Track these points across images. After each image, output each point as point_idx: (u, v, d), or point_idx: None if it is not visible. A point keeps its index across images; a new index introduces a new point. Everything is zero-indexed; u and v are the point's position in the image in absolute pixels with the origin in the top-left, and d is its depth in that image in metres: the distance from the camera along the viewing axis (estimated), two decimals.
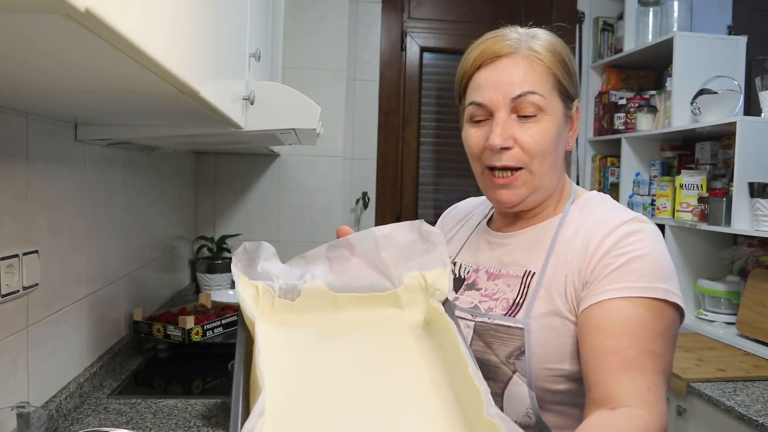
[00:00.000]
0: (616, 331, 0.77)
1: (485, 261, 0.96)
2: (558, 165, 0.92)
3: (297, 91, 1.29)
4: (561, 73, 0.89)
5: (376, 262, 0.83)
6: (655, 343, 0.77)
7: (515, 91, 0.87)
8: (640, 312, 0.78)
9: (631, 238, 0.83)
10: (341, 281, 0.81)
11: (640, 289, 0.79)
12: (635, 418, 0.72)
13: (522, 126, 0.87)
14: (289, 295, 0.77)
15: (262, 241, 0.85)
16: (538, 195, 0.91)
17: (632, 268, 0.80)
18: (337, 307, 0.78)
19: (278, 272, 0.81)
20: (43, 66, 0.67)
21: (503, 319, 0.86)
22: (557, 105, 0.89)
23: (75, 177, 1.35)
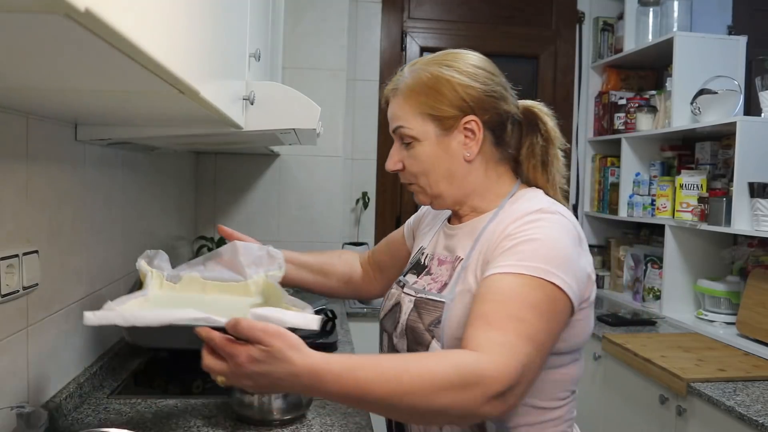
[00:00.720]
0: (488, 299, 0.88)
1: (439, 250, 1.12)
2: (455, 176, 1.05)
3: (297, 91, 1.29)
4: (430, 103, 1.02)
5: (236, 265, 1.16)
6: (523, 311, 0.86)
7: (392, 126, 1.07)
8: (515, 285, 0.88)
9: (529, 225, 0.94)
10: (210, 275, 1.15)
11: (521, 267, 0.89)
12: (463, 354, 0.82)
13: (407, 152, 1.06)
14: (174, 280, 1.11)
15: (160, 250, 1.20)
16: (442, 201, 1.08)
17: (519, 249, 0.91)
18: (205, 290, 1.11)
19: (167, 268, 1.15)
20: (43, 66, 0.67)
21: (433, 295, 1.03)
22: (429, 129, 1.03)
23: (75, 177, 1.35)
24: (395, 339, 1.07)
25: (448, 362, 0.81)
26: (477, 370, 0.79)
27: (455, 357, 0.82)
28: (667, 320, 2.40)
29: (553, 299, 0.88)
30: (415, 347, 1.01)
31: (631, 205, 2.74)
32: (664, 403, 1.83)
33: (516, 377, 0.80)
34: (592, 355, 2.28)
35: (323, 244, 2.79)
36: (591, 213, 3.14)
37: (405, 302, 1.08)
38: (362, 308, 2.53)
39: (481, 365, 0.80)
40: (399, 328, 1.06)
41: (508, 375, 0.80)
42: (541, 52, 3.16)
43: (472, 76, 1.03)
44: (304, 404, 1.30)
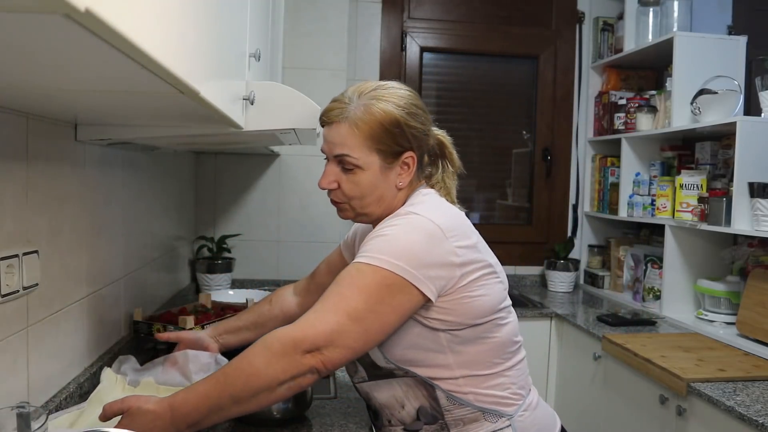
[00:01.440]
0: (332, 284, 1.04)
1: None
2: (384, 199, 1.17)
3: (297, 91, 1.29)
4: (380, 139, 1.11)
5: (186, 371, 1.37)
6: (348, 290, 1.01)
7: (335, 151, 1.13)
8: (351, 271, 1.03)
9: (385, 224, 1.09)
10: (163, 379, 1.37)
11: (362, 257, 1.04)
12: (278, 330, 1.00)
13: (345, 175, 1.14)
14: (134, 384, 1.34)
15: (130, 355, 1.46)
16: (365, 218, 1.19)
17: (370, 244, 1.05)
18: (158, 392, 1.31)
19: (131, 373, 1.38)
20: (43, 66, 0.67)
21: None
22: (373, 161, 1.13)
23: (75, 177, 1.35)
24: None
25: (259, 344, 0.99)
26: (285, 337, 0.98)
27: (267, 337, 1.00)
28: (667, 320, 2.40)
29: (384, 284, 1.01)
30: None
31: (631, 205, 2.74)
32: (664, 403, 1.83)
33: (323, 336, 0.97)
34: (592, 355, 2.28)
35: (323, 244, 2.79)
36: (591, 213, 3.14)
37: None
38: None
39: (290, 331, 0.98)
40: None
41: (313, 336, 0.97)
42: (541, 52, 3.16)
43: (415, 116, 1.14)
44: (304, 404, 1.30)
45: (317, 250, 2.79)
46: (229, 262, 2.60)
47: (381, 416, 1.20)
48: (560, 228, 3.24)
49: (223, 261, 2.59)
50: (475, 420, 1.11)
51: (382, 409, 1.18)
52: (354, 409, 1.36)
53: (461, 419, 1.12)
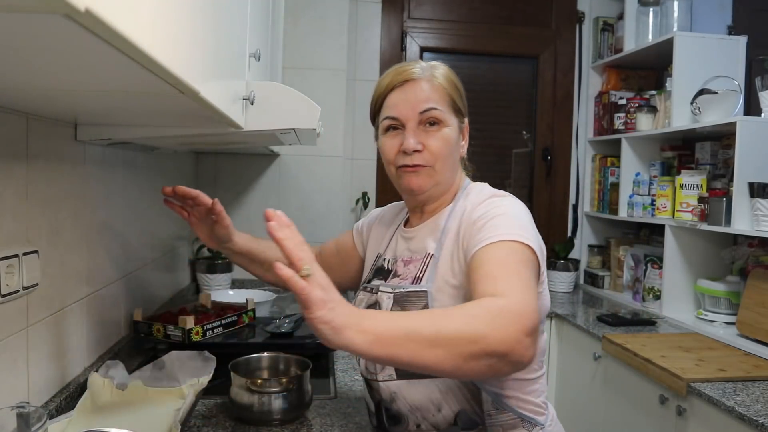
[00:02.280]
0: (485, 263, 0.96)
1: (401, 252, 1.21)
2: (455, 167, 1.18)
3: (297, 91, 1.29)
4: (455, 95, 1.15)
5: (173, 372, 1.38)
6: (519, 267, 0.94)
7: (422, 106, 1.11)
8: (504, 249, 0.97)
9: (490, 206, 1.06)
10: (152, 382, 1.36)
11: (499, 236, 0.98)
12: (489, 298, 0.87)
13: (428, 134, 1.12)
14: (122, 387, 1.33)
15: (118, 361, 1.40)
16: (438, 189, 1.16)
17: (492, 224, 1.02)
18: (147, 394, 1.34)
19: (118, 376, 1.35)
20: (43, 66, 0.67)
21: (411, 287, 1.11)
22: (453, 119, 1.15)
23: (75, 177, 1.35)
24: None
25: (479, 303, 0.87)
26: (509, 305, 0.84)
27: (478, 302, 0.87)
28: (667, 320, 2.40)
29: (530, 259, 0.98)
30: None
31: (631, 205, 2.74)
32: (664, 403, 1.83)
33: (536, 317, 0.86)
34: (592, 355, 2.28)
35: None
36: (591, 213, 3.14)
37: (383, 300, 1.13)
38: None
39: (511, 302, 0.85)
40: None
41: (533, 314, 0.85)
42: (541, 52, 3.16)
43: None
44: (304, 404, 1.30)
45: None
46: (229, 262, 2.60)
47: (406, 420, 1.12)
48: (560, 228, 3.24)
49: (223, 261, 2.58)
50: (513, 427, 1.08)
51: (412, 411, 1.11)
52: (354, 409, 1.36)
53: (501, 425, 1.07)
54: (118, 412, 1.27)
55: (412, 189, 1.14)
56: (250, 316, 1.87)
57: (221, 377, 1.38)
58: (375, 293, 1.18)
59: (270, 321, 1.84)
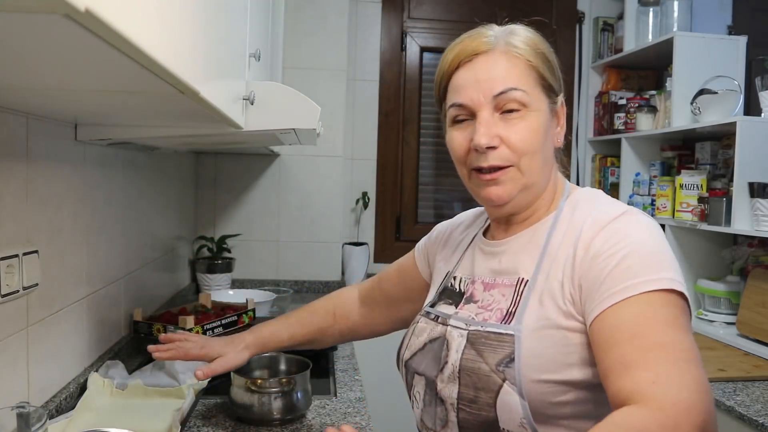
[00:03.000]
0: (616, 340, 0.73)
1: (480, 271, 0.94)
2: (548, 163, 0.91)
3: (297, 91, 1.29)
4: (542, 67, 0.89)
5: (173, 372, 1.39)
6: (663, 334, 0.71)
7: (497, 88, 0.86)
8: (640, 308, 0.74)
9: (618, 235, 0.80)
10: (151, 382, 1.36)
11: (637, 285, 0.75)
12: (624, 413, 0.67)
13: (507, 123, 0.86)
14: (121, 387, 1.34)
15: (118, 361, 1.45)
16: (529, 194, 0.89)
17: (625, 267, 0.76)
18: (147, 394, 1.34)
19: (118, 377, 1.38)
20: (43, 66, 0.67)
21: (495, 327, 0.85)
22: (542, 100, 0.89)
23: (75, 177, 1.35)
24: (440, 384, 0.88)
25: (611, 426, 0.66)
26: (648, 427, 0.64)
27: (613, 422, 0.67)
28: None
29: (681, 307, 0.75)
30: (475, 393, 0.83)
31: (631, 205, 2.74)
32: None
33: (696, 409, 0.66)
34: None
35: (323, 244, 2.79)
36: None
37: (454, 337, 0.88)
38: None
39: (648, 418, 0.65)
40: (448, 370, 0.86)
41: (687, 415, 0.65)
42: None
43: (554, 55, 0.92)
44: (304, 404, 1.30)
45: (317, 250, 2.79)
46: (229, 262, 2.60)
47: None
48: None
49: (223, 261, 2.58)
50: None
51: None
52: (354, 409, 1.36)
53: None
54: (118, 412, 1.27)
55: (491, 200, 0.89)
56: (250, 316, 1.87)
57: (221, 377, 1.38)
58: (443, 324, 0.93)
59: None
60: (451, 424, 0.86)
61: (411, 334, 0.97)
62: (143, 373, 1.43)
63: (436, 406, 0.88)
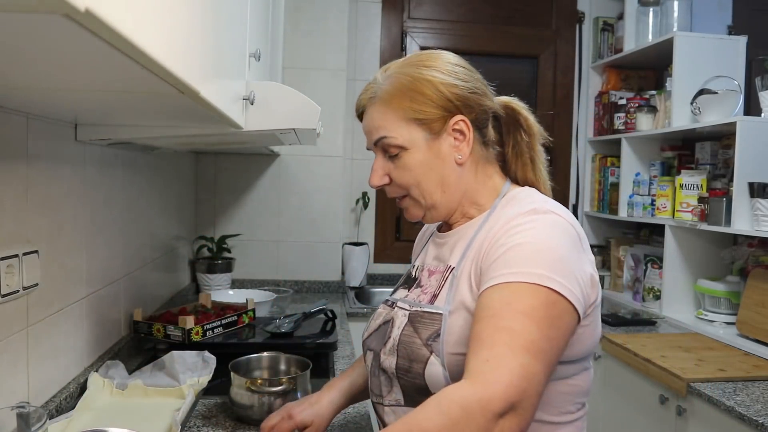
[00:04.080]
0: (480, 317, 0.83)
1: (429, 260, 1.06)
2: (448, 182, 0.99)
3: (297, 91, 1.29)
4: (414, 107, 0.96)
5: (173, 372, 1.40)
6: (515, 321, 0.79)
7: (373, 138, 0.99)
8: (504, 294, 0.82)
9: (519, 227, 0.88)
10: (151, 382, 1.38)
11: (510, 275, 0.83)
12: (455, 388, 0.76)
13: (393, 164, 0.99)
14: (121, 387, 1.35)
15: (118, 361, 1.47)
16: (436, 211, 1.01)
17: (509, 256, 0.85)
18: (147, 394, 1.35)
19: (118, 376, 1.39)
20: (43, 66, 0.67)
21: (427, 306, 0.97)
22: (416, 136, 0.97)
23: (75, 177, 1.35)
24: (382, 356, 0.99)
25: (435, 409, 0.75)
26: (466, 399, 0.74)
27: (441, 399, 0.76)
28: (667, 320, 2.40)
29: (549, 304, 0.81)
30: (408, 364, 0.94)
31: (631, 205, 2.74)
32: (664, 403, 1.83)
33: (513, 390, 0.74)
34: (592, 355, 2.28)
35: (323, 244, 2.79)
36: (591, 213, 3.14)
37: (398, 317, 1.00)
38: (362, 308, 2.53)
39: (469, 392, 0.74)
40: (390, 344, 0.98)
41: (504, 392, 0.73)
42: (541, 52, 3.16)
43: (452, 74, 0.98)
44: None
45: (317, 250, 2.79)
46: (229, 262, 2.60)
47: None
48: None
49: (223, 261, 2.59)
50: None
51: None
52: (354, 409, 1.36)
53: None
54: (118, 412, 1.27)
55: (409, 219, 1.04)
56: (250, 316, 1.87)
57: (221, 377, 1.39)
58: (393, 308, 1.05)
59: (270, 321, 1.84)
60: (395, 390, 0.98)
61: (372, 319, 1.10)
62: (143, 373, 1.43)
63: (379, 376, 1.01)
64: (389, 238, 3.05)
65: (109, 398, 1.33)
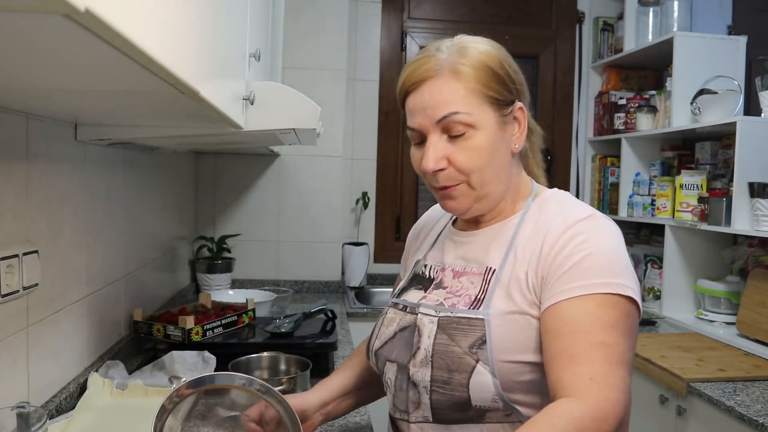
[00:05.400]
0: (564, 331, 0.81)
1: (451, 260, 0.99)
2: (504, 171, 0.94)
3: (297, 91, 1.29)
4: (489, 83, 0.91)
5: (173, 372, 1.40)
6: (607, 334, 0.80)
7: (438, 113, 0.89)
8: (590, 308, 0.81)
9: (582, 237, 0.86)
10: (151, 382, 1.37)
11: (591, 286, 0.82)
12: (565, 406, 0.75)
13: (455, 145, 0.90)
14: (121, 387, 1.34)
15: (118, 361, 1.47)
16: (485, 203, 0.94)
17: (582, 267, 0.83)
18: (147, 394, 1.33)
19: (118, 377, 1.39)
20: (43, 66, 0.67)
21: (465, 312, 0.90)
22: (488, 116, 0.91)
23: (75, 177, 1.35)
24: (412, 369, 0.92)
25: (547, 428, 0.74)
26: (580, 420, 0.73)
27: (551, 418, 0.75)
28: (667, 320, 2.40)
29: (628, 313, 0.83)
30: (447, 375, 0.88)
31: (631, 205, 2.74)
32: (664, 403, 1.83)
33: (621, 406, 0.76)
34: None
35: (323, 244, 2.79)
36: None
37: (425, 324, 0.92)
38: (362, 308, 2.53)
39: (581, 411, 0.74)
40: (421, 354, 0.91)
41: (614, 410, 0.75)
42: (541, 52, 3.16)
43: (511, 60, 0.96)
44: None
45: (317, 250, 2.79)
46: (229, 262, 2.60)
47: None
48: None
49: (223, 261, 2.58)
50: None
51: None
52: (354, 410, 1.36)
53: None
54: (118, 412, 1.27)
55: (449, 211, 0.97)
56: (250, 316, 1.87)
57: None
58: (412, 313, 0.96)
59: (270, 321, 1.84)
60: (424, 406, 0.91)
61: (380, 325, 1.01)
62: (143, 373, 1.43)
63: (408, 390, 0.93)
64: (389, 238, 3.05)
65: (109, 398, 1.33)
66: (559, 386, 0.78)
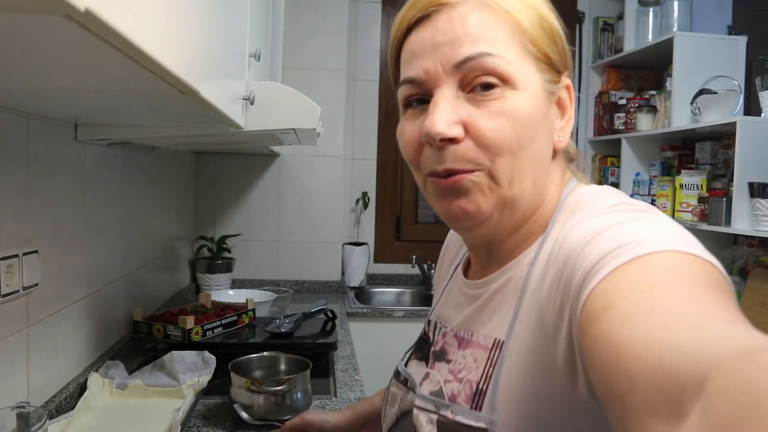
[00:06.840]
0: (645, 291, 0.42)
1: (457, 321, 0.69)
2: (542, 168, 0.60)
3: (297, 91, 1.29)
4: (537, 30, 0.60)
5: (173, 372, 1.41)
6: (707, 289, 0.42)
7: (461, 53, 0.56)
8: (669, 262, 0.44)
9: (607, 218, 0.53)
10: (151, 382, 1.38)
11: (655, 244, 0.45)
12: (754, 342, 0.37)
13: (478, 105, 0.57)
14: (121, 387, 1.35)
15: (118, 361, 1.46)
16: (512, 214, 0.60)
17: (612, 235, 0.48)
18: (147, 395, 1.35)
19: (118, 377, 1.39)
20: (43, 66, 0.67)
21: (465, 414, 0.59)
22: (532, 76, 0.59)
23: (75, 177, 1.35)
24: None
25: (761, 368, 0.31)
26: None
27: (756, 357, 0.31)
28: None
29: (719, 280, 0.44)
30: None
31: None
32: None
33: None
34: None
35: (323, 244, 2.79)
36: None
37: (422, 425, 0.64)
38: (362, 308, 2.53)
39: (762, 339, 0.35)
40: None
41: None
42: None
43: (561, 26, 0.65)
44: (304, 404, 1.30)
45: (317, 250, 2.79)
46: (229, 262, 2.60)
47: None
48: None
49: (223, 261, 2.58)
50: None
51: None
52: None
53: None
54: (118, 412, 1.27)
55: (455, 217, 0.60)
56: (250, 316, 1.87)
57: (221, 377, 1.38)
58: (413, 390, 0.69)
59: (270, 321, 1.84)
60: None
61: (386, 401, 0.78)
62: (143, 373, 1.43)
63: None
64: (389, 238, 3.05)
65: (109, 398, 1.33)
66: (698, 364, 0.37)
